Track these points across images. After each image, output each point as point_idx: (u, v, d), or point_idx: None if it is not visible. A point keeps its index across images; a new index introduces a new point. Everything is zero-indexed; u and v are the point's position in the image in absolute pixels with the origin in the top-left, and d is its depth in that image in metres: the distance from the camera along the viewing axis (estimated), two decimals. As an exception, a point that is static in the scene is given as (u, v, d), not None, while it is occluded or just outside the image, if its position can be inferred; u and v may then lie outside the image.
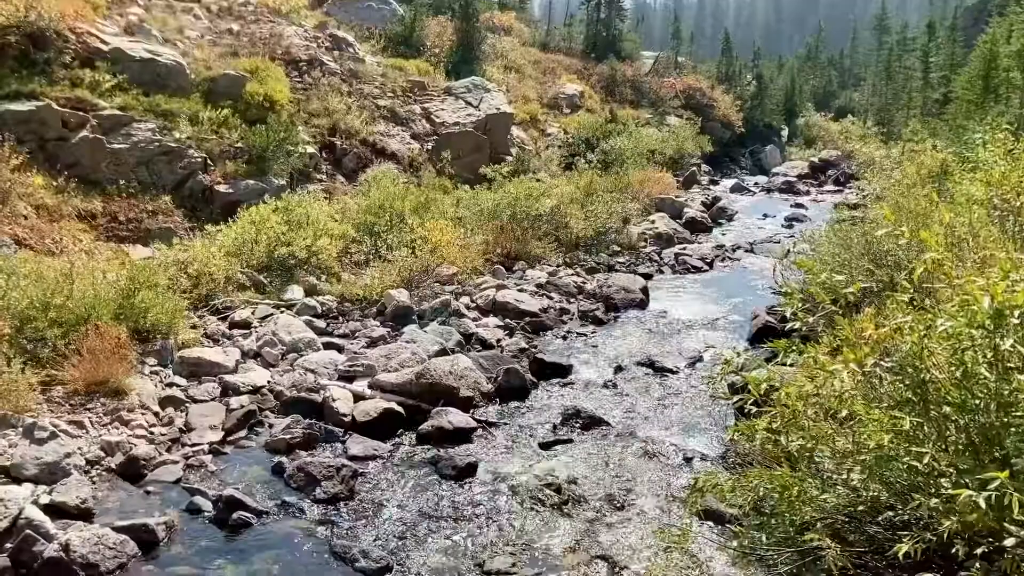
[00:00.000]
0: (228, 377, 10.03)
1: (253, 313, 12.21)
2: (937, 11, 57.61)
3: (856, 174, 30.16)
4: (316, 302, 13.00)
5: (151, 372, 9.91)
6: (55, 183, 13.71)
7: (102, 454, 8.06)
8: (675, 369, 11.60)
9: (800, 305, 4.91)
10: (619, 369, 11.58)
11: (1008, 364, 3.95)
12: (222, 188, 16.17)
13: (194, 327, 11.26)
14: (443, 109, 25.49)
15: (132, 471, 7.92)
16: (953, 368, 4.14)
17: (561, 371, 11.37)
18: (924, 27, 39.79)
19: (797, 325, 4.85)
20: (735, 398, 4.95)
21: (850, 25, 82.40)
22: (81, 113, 14.97)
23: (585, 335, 13.24)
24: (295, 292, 13.21)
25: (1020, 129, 12.80)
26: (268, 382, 10.14)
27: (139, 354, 9.99)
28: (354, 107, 22.58)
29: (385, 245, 15.20)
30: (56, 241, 12.37)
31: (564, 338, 13.10)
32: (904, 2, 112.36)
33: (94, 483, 7.65)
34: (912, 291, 4.70)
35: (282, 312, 12.35)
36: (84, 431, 8.32)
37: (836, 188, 31.70)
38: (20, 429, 7.76)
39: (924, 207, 10.50)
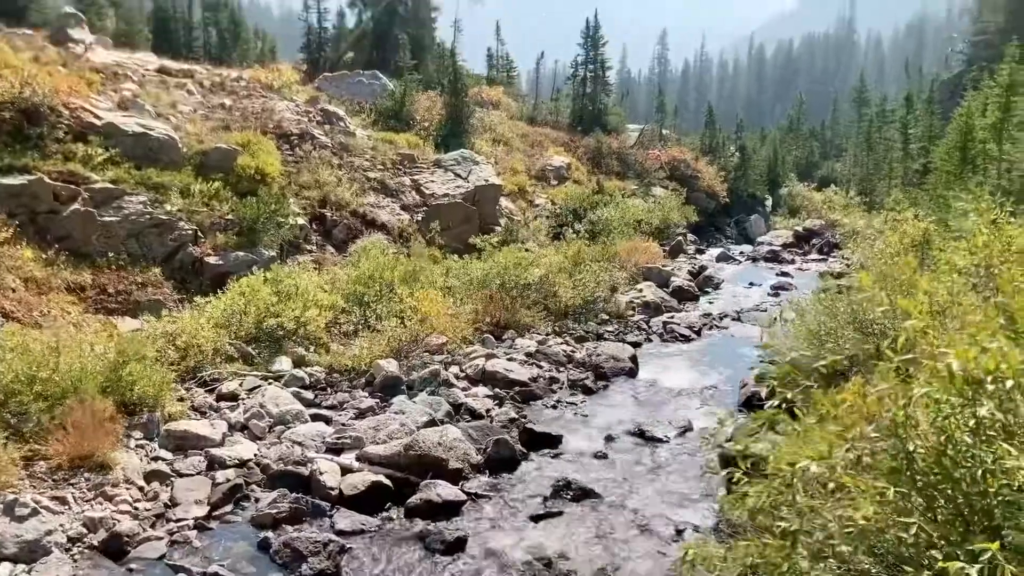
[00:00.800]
0: (214, 450, 9.93)
1: (241, 385, 12.16)
2: (914, 84, 59.05)
3: (840, 243, 30.52)
4: (304, 373, 12.96)
5: (137, 446, 9.81)
6: (45, 256, 13.75)
7: (84, 531, 7.92)
8: (665, 438, 11.56)
9: (781, 380, 4.95)
10: (609, 439, 11.53)
11: (990, 432, 3.98)
12: (212, 260, 16.24)
13: (181, 399, 11.20)
14: (433, 181, 25.81)
15: (115, 548, 7.78)
16: (936, 436, 4.16)
17: (551, 441, 11.31)
18: (902, 100, 40.84)
19: (777, 402, 4.88)
20: (724, 471, 4.95)
21: (830, 97, 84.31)
22: (73, 186, 15.11)
23: (575, 404, 13.20)
24: (283, 363, 13.17)
25: (1000, 198, 13.07)
26: (255, 455, 10.04)
27: (125, 427, 9.90)
28: (344, 179, 22.86)
29: (374, 315, 15.24)
30: (44, 314, 12.35)
31: (554, 407, 13.05)
32: (882, 76, 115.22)
33: (75, 561, 7.50)
34: (896, 361, 4.75)
35: (270, 383, 12.30)
36: (67, 507, 8.20)
37: (821, 257, 32.02)
38: (0, 506, 7.64)
39: (907, 275, 10.65)
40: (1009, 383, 3.97)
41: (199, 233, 16.50)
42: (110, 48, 26.09)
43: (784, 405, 5.27)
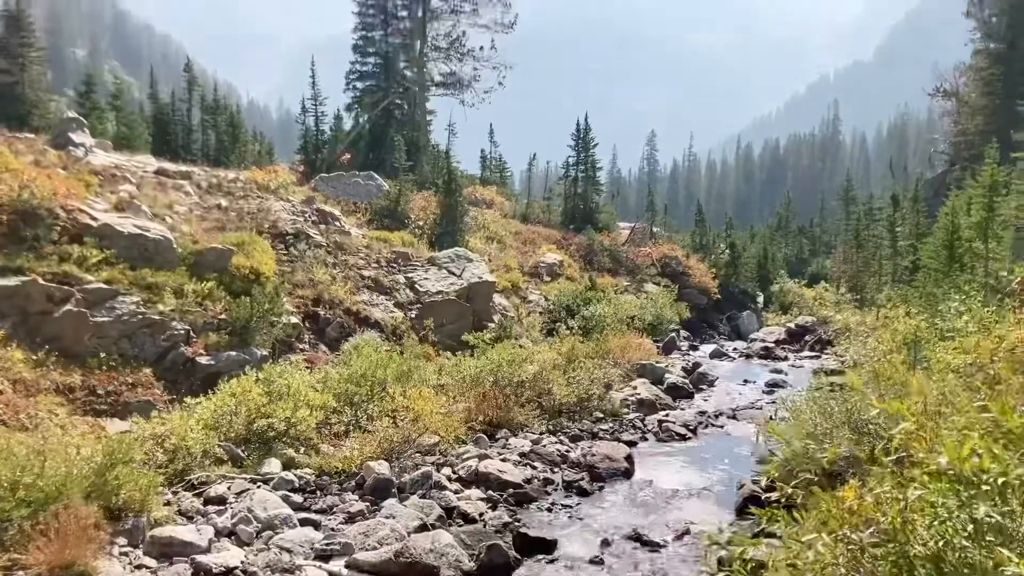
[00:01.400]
0: (200, 557, 9.67)
1: (229, 488, 11.94)
2: (899, 183, 60.31)
3: (833, 340, 30.59)
4: (294, 476, 12.75)
5: (121, 553, 9.55)
6: (35, 357, 13.69)
7: (62, 644, 7.64)
8: (663, 543, 11.31)
9: (779, 473, 4.90)
10: (605, 543, 11.28)
11: (988, 537, 3.93)
12: (204, 360, 16.18)
13: (168, 504, 10.97)
14: (426, 278, 25.98)
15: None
16: (934, 541, 4.10)
17: (546, 546, 11.05)
18: (888, 199, 41.67)
19: (776, 497, 4.82)
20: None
21: (818, 196, 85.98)
22: (66, 287, 15.16)
23: (570, 507, 12.96)
24: (273, 465, 12.97)
25: (987, 297, 13.24)
26: (241, 562, 9.77)
27: (110, 534, 9.66)
28: (339, 277, 23.01)
29: (366, 415, 15.10)
30: (31, 416, 12.21)
31: (549, 510, 12.80)
32: (867, 174, 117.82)
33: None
34: (890, 463, 4.72)
35: (259, 487, 12.08)
36: (45, 619, 7.93)
37: (814, 353, 32.03)
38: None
39: (900, 374, 10.66)
40: (1002, 480, 3.95)
41: (191, 333, 16.49)
42: (110, 151, 26.59)
43: (784, 502, 5.21)
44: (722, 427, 19.23)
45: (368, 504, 12.09)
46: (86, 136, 25.28)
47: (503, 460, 14.53)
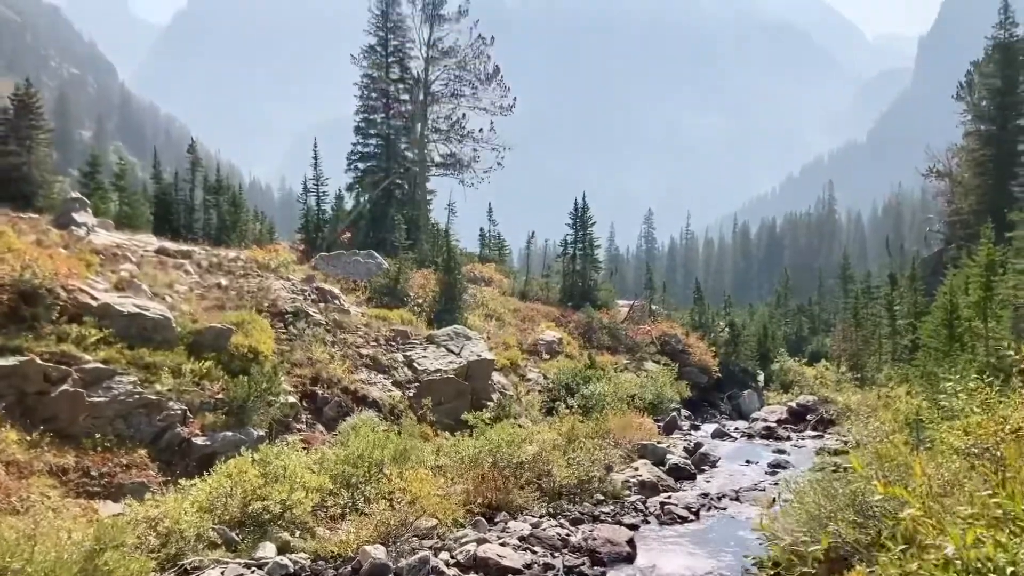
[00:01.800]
0: (190, 647, 9.40)
1: (223, 574, 11.66)
2: (896, 262, 60.73)
3: (835, 419, 30.35)
4: (288, 560, 12.47)
5: (108, 642, 9.28)
6: (29, 438, 13.55)
7: None
8: (665, 630, 11.01)
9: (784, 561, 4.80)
10: (606, 631, 10.97)
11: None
12: (200, 440, 16.00)
13: (158, 590, 10.71)
14: (425, 356, 25.89)
15: None
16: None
17: (545, 634, 10.75)
18: (886, 277, 41.89)
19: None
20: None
21: (815, 273, 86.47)
22: (64, 367, 15.10)
23: (570, 593, 12.65)
24: (267, 550, 12.70)
25: (989, 376, 13.16)
26: (233, 652, 9.49)
27: (97, 622, 9.41)
28: (337, 356, 22.94)
29: (363, 497, 14.86)
30: (23, 499, 12.00)
31: (548, 596, 12.49)
32: (864, 253, 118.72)
33: None
34: (899, 552, 4.62)
35: (253, 572, 11.81)
36: None
37: (816, 433, 31.74)
38: None
39: (903, 456, 10.53)
40: (1011, 570, 3.87)
41: (188, 413, 16.36)
42: (112, 230, 26.82)
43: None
44: (725, 509, 18.92)
45: (364, 590, 11.80)
46: (89, 216, 25.52)
47: (502, 544, 14.24)
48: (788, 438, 31.00)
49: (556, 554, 14.53)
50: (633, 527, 16.60)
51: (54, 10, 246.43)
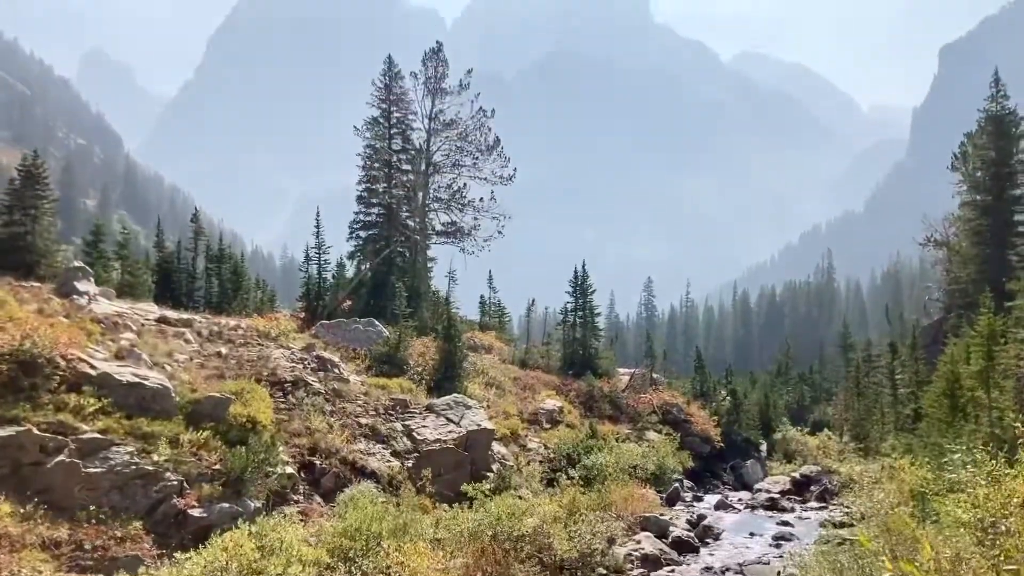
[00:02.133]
0: None
1: (215, 652, 11.38)
2: (896, 330, 60.70)
3: (839, 490, 29.97)
4: (284, 637, 12.17)
5: None
6: (23, 510, 13.36)
7: None
8: None
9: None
10: None
11: None
12: (196, 512, 15.77)
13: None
14: (425, 426, 25.69)
15: None
16: None
17: None
18: (887, 346, 41.81)
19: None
20: None
21: (816, 342, 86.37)
22: (60, 437, 14.98)
23: (571, 672, 12.32)
24: (262, 626, 12.41)
25: (994, 448, 13.03)
26: None
27: None
28: (336, 426, 22.76)
29: (360, 572, 14.57)
30: (14, 574, 11.79)
31: (549, 676, 12.16)
32: (864, 321, 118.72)
33: None
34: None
35: (246, 650, 11.51)
36: None
37: (821, 504, 31.32)
38: None
39: (910, 530, 10.37)
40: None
41: (185, 484, 16.16)
42: (113, 299, 26.88)
43: None
44: (729, 584, 18.56)
45: (360, 669, 11.49)
46: (90, 284, 25.60)
47: (502, 620, 13.93)
48: (792, 510, 30.58)
49: (557, 631, 14.20)
50: (636, 603, 16.25)
51: (64, 83, 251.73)
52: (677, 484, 31.90)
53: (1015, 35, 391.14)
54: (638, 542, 21.03)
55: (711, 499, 32.48)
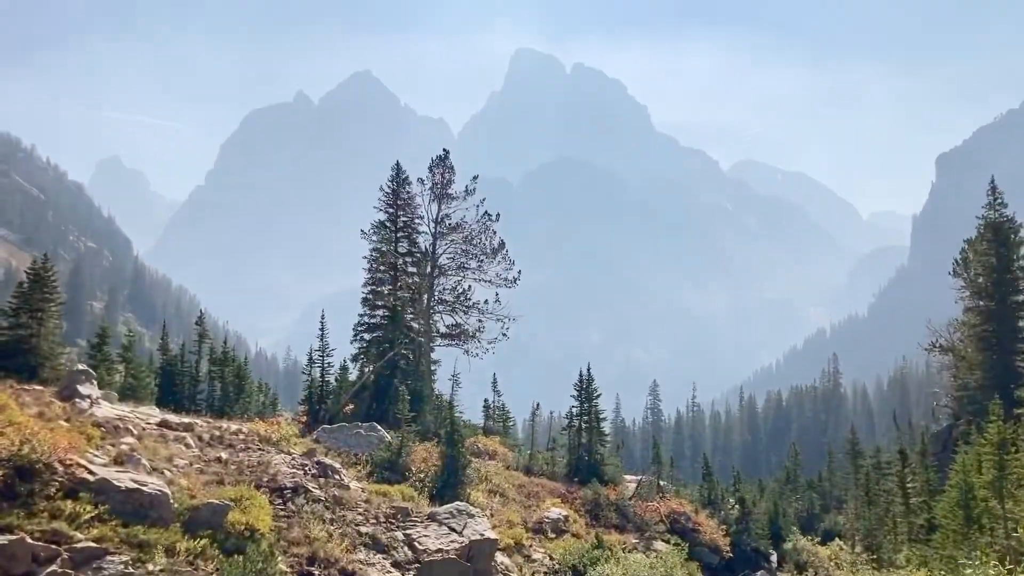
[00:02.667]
0: None
1: None
2: (904, 436, 59.92)
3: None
4: None
5: None
6: (11, 623, 12.97)
7: None
8: None
9: None
10: None
11: None
12: (188, 626, 15.29)
13: None
14: (426, 535, 25.12)
15: None
16: None
17: None
18: (896, 452, 41.11)
19: None
20: None
21: (824, 447, 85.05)
22: (54, 546, 14.68)
23: None
24: None
25: (1010, 562, 12.68)
26: None
27: None
28: (336, 534, 22.27)
29: None
30: None
31: None
32: (872, 427, 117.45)
33: None
34: None
35: None
36: None
37: (836, 619, 30.28)
38: None
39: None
40: None
41: (179, 595, 15.72)
42: (115, 402, 26.76)
43: None
44: None
45: None
46: (93, 388, 25.51)
47: None
48: (806, 625, 29.54)
49: None
50: None
51: (77, 188, 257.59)
52: (686, 598, 30.90)
53: (1010, 144, 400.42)
54: (646, 660, 20.25)
55: (721, 613, 31.42)
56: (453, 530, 25.66)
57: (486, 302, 53.41)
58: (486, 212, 53.47)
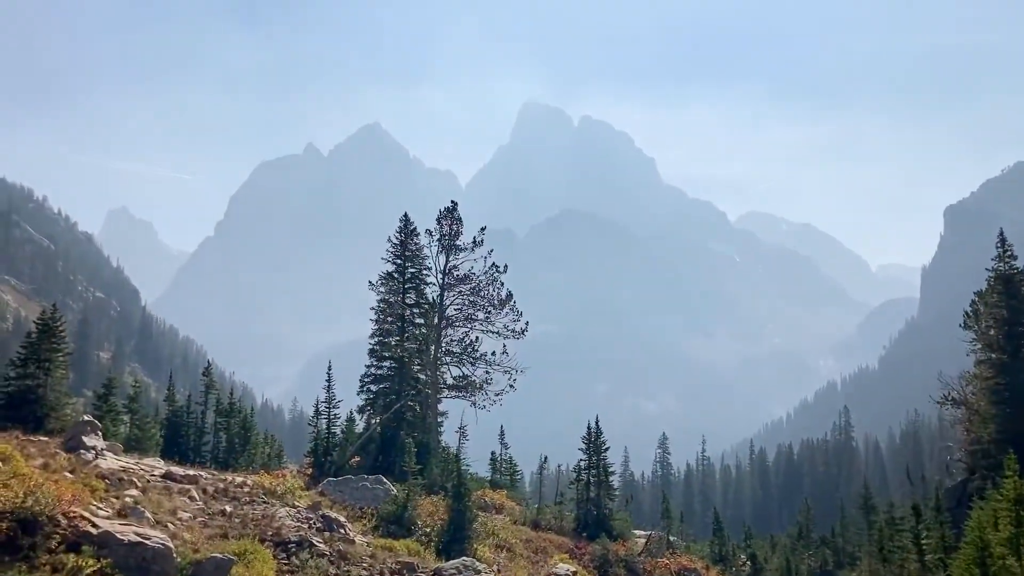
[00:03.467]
0: None
1: None
2: (918, 491, 58.98)
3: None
4: None
5: None
6: None
7: None
8: None
9: None
10: None
11: None
12: None
13: None
14: (432, 593, 24.67)
15: None
16: None
17: None
18: (910, 508, 40.39)
19: None
20: None
21: (836, 502, 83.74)
22: (54, 602, 14.42)
23: None
24: None
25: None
26: None
27: None
28: (340, 590, 21.88)
29: None
30: None
31: None
32: (885, 481, 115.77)
33: None
34: None
35: None
36: None
37: None
38: None
39: None
40: None
41: (179, 653, 15.39)
42: (120, 453, 26.59)
43: None
44: None
45: None
46: (98, 439, 25.38)
47: None
48: None
49: None
50: None
51: (87, 238, 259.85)
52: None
53: (1018, 197, 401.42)
54: None
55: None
56: (459, 586, 25.18)
57: (493, 354, 53.24)
58: (494, 264, 53.58)
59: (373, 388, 49.97)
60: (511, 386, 52.82)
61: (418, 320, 52.24)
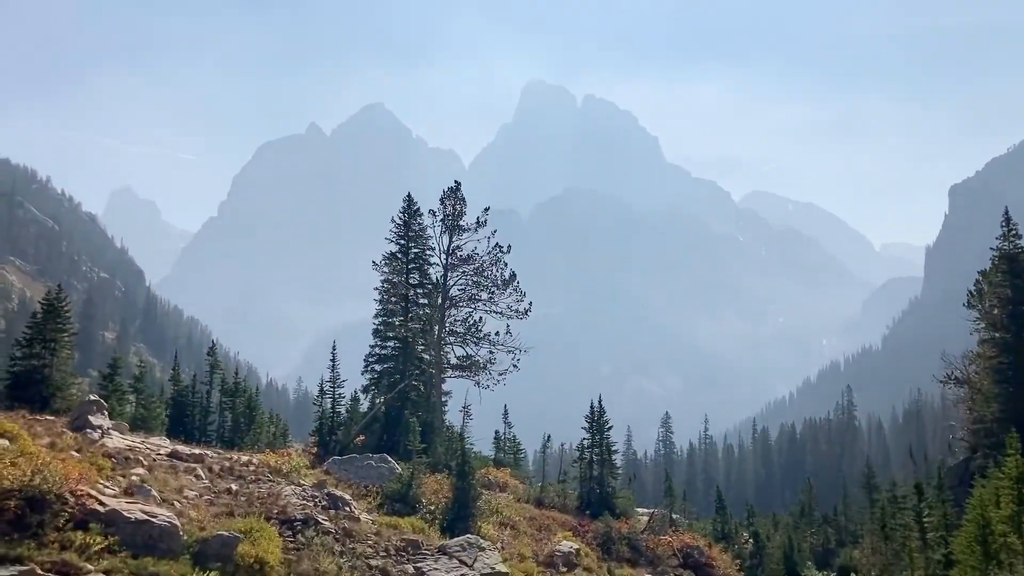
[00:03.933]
0: None
1: None
2: (920, 470, 59.19)
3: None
4: None
5: None
6: (18, 655, 12.88)
7: None
8: None
9: None
10: None
11: None
12: (197, 660, 15.14)
13: None
14: (436, 569, 24.89)
15: None
16: None
17: None
18: (912, 487, 40.55)
19: None
20: None
21: (839, 481, 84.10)
22: (63, 577, 14.60)
23: None
24: None
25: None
26: None
27: None
28: (345, 567, 22.10)
29: None
30: None
31: None
32: (887, 460, 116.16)
33: None
34: None
35: None
36: None
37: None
38: None
39: None
40: None
41: (187, 629, 15.59)
42: (126, 432, 26.76)
43: None
44: None
45: None
46: (104, 418, 25.54)
47: None
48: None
49: None
50: None
51: (91, 219, 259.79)
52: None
53: (1023, 175, 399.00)
54: None
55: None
56: (464, 563, 25.43)
57: (497, 333, 53.36)
58: (497, 244, 53.56)
59: (377, 368, 50.13)
60: (515, 366, 52.97)
61: (422, 300, 52.32)
